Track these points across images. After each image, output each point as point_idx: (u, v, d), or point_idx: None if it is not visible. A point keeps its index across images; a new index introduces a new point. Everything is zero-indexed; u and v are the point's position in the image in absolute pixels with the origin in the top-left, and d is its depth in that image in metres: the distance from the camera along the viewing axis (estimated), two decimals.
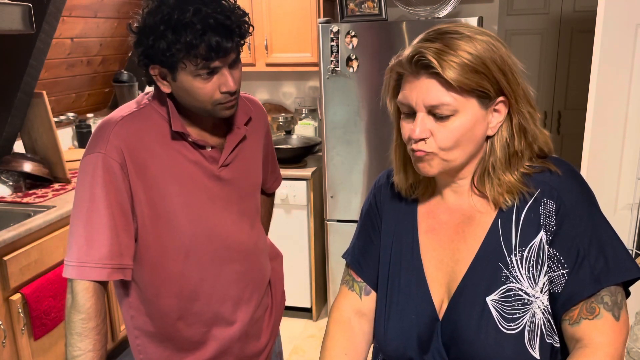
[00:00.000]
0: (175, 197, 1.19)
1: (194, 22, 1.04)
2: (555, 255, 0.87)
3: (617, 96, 2.06)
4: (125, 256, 1.15)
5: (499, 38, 0.88)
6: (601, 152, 2.12)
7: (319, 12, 2.99)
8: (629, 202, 2.14)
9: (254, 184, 1.36)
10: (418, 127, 0.86)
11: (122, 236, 1.14)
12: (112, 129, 1.15)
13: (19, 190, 2.52)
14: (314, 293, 3.12)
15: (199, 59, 1.06)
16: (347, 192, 2.84)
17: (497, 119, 0.88)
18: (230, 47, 1.08)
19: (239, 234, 1.29)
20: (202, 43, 1.05)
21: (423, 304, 0.96)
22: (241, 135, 1.27)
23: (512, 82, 0.86)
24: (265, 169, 1.48)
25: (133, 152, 1.15)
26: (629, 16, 1.98)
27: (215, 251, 1.25)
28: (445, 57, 0.82)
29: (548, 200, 0.88)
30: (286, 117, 3.42)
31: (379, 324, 1.01)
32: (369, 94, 2.67)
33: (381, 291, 1.02)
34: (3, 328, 2.00)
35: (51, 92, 2.95)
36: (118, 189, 1.13)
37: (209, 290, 1.25)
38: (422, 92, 0.85)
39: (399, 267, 1.00)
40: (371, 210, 1.08)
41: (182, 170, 1.19)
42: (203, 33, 1.04)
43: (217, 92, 1.12)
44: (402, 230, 1.01)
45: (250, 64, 3.14)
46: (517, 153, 0.90)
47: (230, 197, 1.27)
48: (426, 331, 0.94)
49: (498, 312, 0.88)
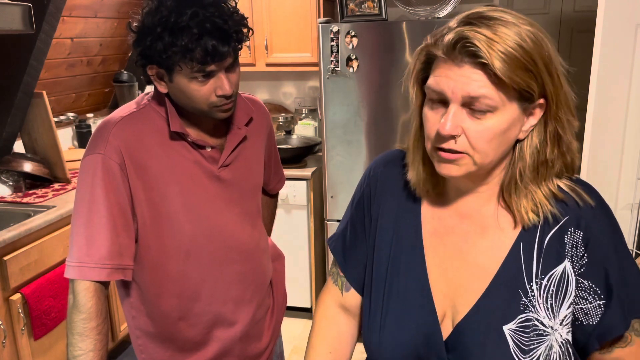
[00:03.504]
0: (175, 197, 1.19)
1: (191, 25, 1.03)
2: (591, 287, 0.83)
3: (617, 96, 2.06)
4: (125, 256, 1.15)
5: (544, 30, 0.78)
6: (601, 152, 2.12)
7: (319, 12, 2.99)
8: (629, 202, 2.14)
9: (255, 185, 1.35)
10: (450, 121, 0.75)
11: (122, 236, 1.14)
12: (112, 130, 1.15)
13: (19, 190, 2.52)
14: (314, 293, 3.12)
15: (194, 63, 1.06)
16: (347, 192, 2.84)
17: (530, 122, 0.79)
18: (227, 51, 1.07)
19: (240, 234, 1.29)
20: (198, 47, 1.04)
21: (425, 314, 0.88)
22: (241, 135, 1.27)
23: (557, 84, 0.76)
24: (268, 169, 1.48)
25: (132, 153, 1.15)
26: (629, 16, 1.98)
27: (215, 251, 1.25)
28: (495, 47, 0.71)
29: (575, 230, 0.82)
30: (286, 117, 3.42)
31: (372, 332, 0.92)
32: (369, 94, 2.67)
33: (376, 294, 0.94)
34: (3, 328, 2.00)
35: (51, 92, 2.95)
36: (118, 189, 1.13)
37: (209, 290, 1.25)
38: (461, 81, 0.74)
39: (397, 270, 0.91)
40: (362, 201, 0.99)
41: (181, 171, 1.19)
42: (199, 37, 1.03)
43: (213, 95, 1.12)
44: (402, 229, 0.93)
45: (250, 64, 3.14)
46: (547, 162, 0.81)
47: (231, 198, 1.27)
48: (426, 344, 0.87)
49: (515, 342, 0.82)
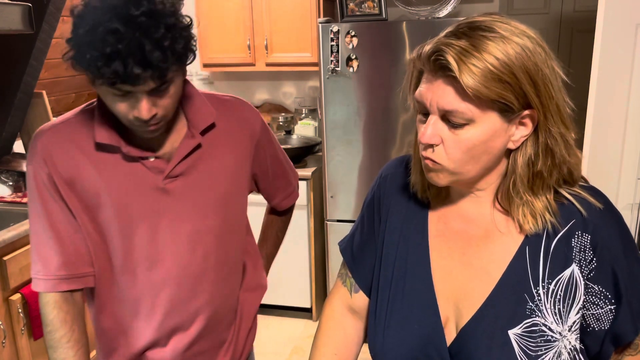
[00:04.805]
0: (106, 212, 1.09)
1: (106, 40, 0.89)
2: (602, 292, 0.82)
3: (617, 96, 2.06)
4: (80, 265, 1.10)
5: (542, 42, 0.76)
6: (601, 152, 2.12)
7: (319, 12, 2.99)
8: (629, 202, 2.14)
9: (221, 200, 1.17)
10: (428, 130, 0.77)
11: (73, 245, 1.09)
12: (39, 140, 1.08)
13: (19, 190, 2.52)
14: (314, 293, 3.12)
15: (103, 80, 0.93)
16: (347, 192, 2.84)
17: (521, 133, 0.78)
18: (145, 76, 0.92)
19: (184, 255, 1.14)
20: (105, 66, 0.90)
21: (428, 314, 0.87)
22: (192, 145, 1.10)
23: (544, 96, 0.75)
24: (265, 182, 1.33)
25: (58, 165, 1.07)
26: (629, 16, 1.98)
27: (150, 272, 1.13)
28: (467, 59, 0.71)
29: (583, 234, 0.81)
30: (286, 117, 3.42)
31: (377, 332, 0.92)
32: (369, 93, 2.67)
33: (382, 294, 0.94)
34: (3, 328, 2.00)
35: (51, 92, 2.95)
36: (54, 200, 1.08)
37: (145, 313, 1.16)
38: (437, 94, 0.76)
39: (404, 271, 0.91)
40: (373, 203, 1.00)
41: (115, 184, 1.08)
42: (110, 57, 0.89)
43: (131, 114, 0.98)
44: (409, 230, 0.93)
45: (250, 64, 3.14)
46: (541, 173, 0.79)
47: (181, 213, 1.12)
48: (428, 347, 0.86)
49: (520, 347, 0.81)
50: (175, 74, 0.99)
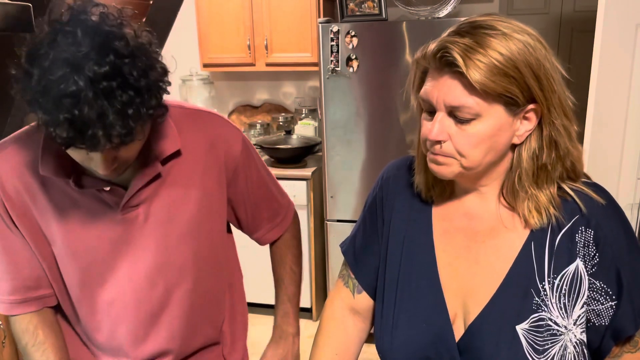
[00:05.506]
0: (60, 242, 1.02)
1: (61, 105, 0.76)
2: (603, 288, 0.83)
3: (617, 96, 2.06)
4: (39, 287, 1.06)
5: (541, 38, 0.79)
6: (601, 152, 2.12)
7: (319, 12, 3.00)
8: (629, 202, 2.14)
9: (186, 231, 1.07)
10: (436, 127, 0.79)
11: (25, 271, 1.04)
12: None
13: None
14: (314, 293, 3.12)
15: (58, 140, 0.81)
16: (347, 192, 2.84)
17: (525, 127, 0.80)
18: (103, 142, 0.80)
19: (143, 291, 1.06)
20: (57, 131, 0.78)
21: (436, 312, 0.88)
22: (151, 174, 0.99)
23: (547, 90, 0.77)
24: (243, 213, 1.19)
25: (10, 192, 0.99)
26: (629, 16, 1.99)
27: (109, 306, 1.06)
28: (473, 55, 0.74)
29: (586, 229, 0.82)
30: (286, 117, 3.42)
31: (384, 332, 0.93)
32: (369, 93, 2.67)
33: (388, 295, 0.94)
34: (3, 328, 2.00)
35: None
36: (6, 226, 1.02)
37: (107, 345, 1.12)
38: (443, 91, 0.78)
39: (410, 270, 0.92)
40: (375, 204, 1.00)
41: (68, 213, 0.99)
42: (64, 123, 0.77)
43: (89, 163, 0.88)
44: (414, 230, 0.94)
45: (250, 64, 3.14)
46: (546, 167, 0.82)
47: (142, 246, 1.03)
48: (438, 344, 0.87)
49: (528, 342, 0.82)
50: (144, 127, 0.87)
